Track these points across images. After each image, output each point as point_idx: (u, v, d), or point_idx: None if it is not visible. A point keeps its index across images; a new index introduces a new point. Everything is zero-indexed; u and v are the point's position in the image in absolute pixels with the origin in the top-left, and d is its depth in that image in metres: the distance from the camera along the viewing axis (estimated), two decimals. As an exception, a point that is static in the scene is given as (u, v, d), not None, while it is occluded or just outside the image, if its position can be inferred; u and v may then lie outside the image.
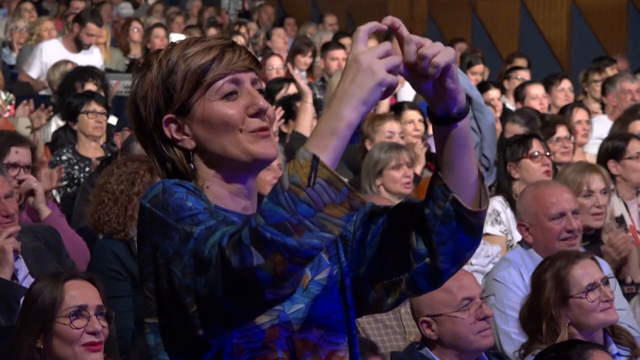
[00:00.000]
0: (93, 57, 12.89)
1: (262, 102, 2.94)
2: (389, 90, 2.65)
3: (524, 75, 13.08)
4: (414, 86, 2.83)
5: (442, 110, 2.83)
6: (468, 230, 2.92)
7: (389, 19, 2.76)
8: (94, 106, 9.11)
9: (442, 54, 2.71)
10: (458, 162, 2.89)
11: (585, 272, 5.31)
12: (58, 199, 8.08)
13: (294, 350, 2.89)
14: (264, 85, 3.11)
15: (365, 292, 3.04)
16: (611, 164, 8.11)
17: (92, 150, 8.97)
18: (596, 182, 7.17)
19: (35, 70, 12.84)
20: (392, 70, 2.64)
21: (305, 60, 13.70)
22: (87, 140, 9.05)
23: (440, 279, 2.97)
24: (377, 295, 3.03)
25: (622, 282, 6.60)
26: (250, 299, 2.63)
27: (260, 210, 2.58)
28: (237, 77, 2.94)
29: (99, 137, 9.04)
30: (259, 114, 2.93)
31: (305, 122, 9.46)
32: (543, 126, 9.03)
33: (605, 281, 5.35)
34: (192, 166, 2.96)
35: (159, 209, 2.78)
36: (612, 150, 8.28)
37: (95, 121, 9.06)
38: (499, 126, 9.83)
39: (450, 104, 2.82)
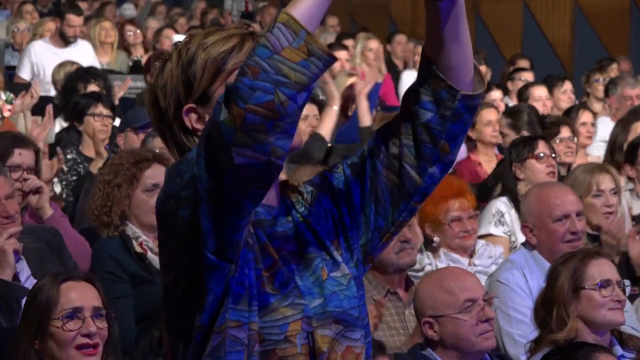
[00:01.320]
0: (82, 52, 12.93)
1: None
2: None
3: (527, 76, 13.09)
4: None
5: None
6: (473, 113, 3.00)
7: None
8: (101, 109, 9.10)
9: None
10: (462, 34, 2.99)
11: (601, 269, 5.32)
12: (58, 189, 8.06)
13: (313, 346, 2.88)
14: None
15: (375, 246, 3.06)
16: (627, 167, 8.15)
17: (95, 150, 8.95)
18: (606, 182, 7.17)
19: (26, 72, 12.85)
20: None
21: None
22: (91, 141, 9.05)
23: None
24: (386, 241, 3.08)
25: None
26: (223, 162, 2.62)
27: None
28: None
29: (105, 139, 9.03)
30: None
31: (327, 126, 9.39)
32: (547, 127, 9.04)
33: (620, 284, 5.34)
34: None
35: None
36: (626, 154, 8.34)
37: (102, 124, 9.05)
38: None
39: None
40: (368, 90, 10.66)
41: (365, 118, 10.04)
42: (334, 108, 9.74)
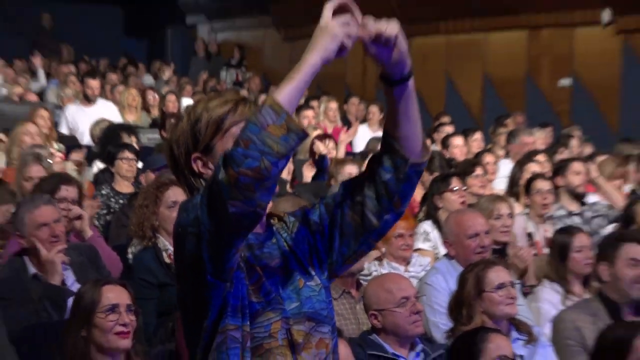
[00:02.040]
0: (106, 110, 12.92)
1: None
2: (343, 48, 2.78)
3: (448, 129, 13.12)
4: (376, 58, 2.89)
5: (398, 73, 2.91)
6: (420, 176, 3.05)
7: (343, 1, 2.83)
8: (127, 154, 9.14)
9: (391, 26, 2.83)
10: (413, 113, 2.98)
11: (498, 274, 5.35)
12: (96, 223, 8.06)
13: (291, 339, 2.94)
14: None
15: (339, 267, 3.12)
16: (524, 197, 8.23)
17: (125, 187, 8.99)
18: (503, 208, 7.21)
19: (64, 127, 12.84)
20: (348, 35, 2.77)
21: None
22: (121, 179, 9.08)
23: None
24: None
25: (521, 285, 6.64)
26: (220, 211, 2.69)
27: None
28: None
29: (131, 177, 9.06)
30: None
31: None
32: (463, 167, 9.07)
33: (512, 284, 5.40)
34: None
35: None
36: (519, 188, 8.40)
37: (128, 166, 9.08)
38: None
39: (403, 66, 2.90)
40: (348, 141, 10.73)
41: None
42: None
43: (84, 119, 12.56)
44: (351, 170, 8.80)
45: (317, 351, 2.99)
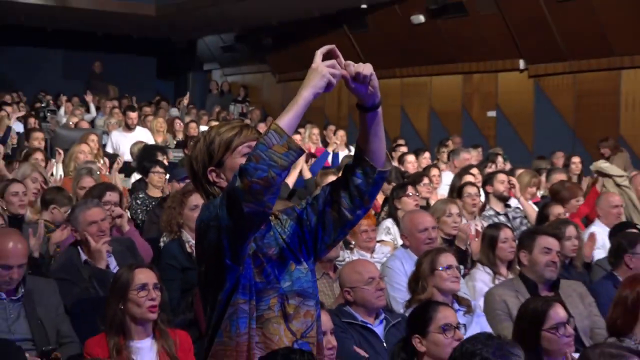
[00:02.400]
0: (140, 135, 12.80)
1: None
2: (329, 85, 2.80)
3: (403, 149, 13.15)
4: (354, 91, 2.91)
5: (371, 102, 2.94)
6: (384, 181, 3.08)
7: (332, 47, 2.90)
8: (158, 169, 9.06)
9: (366, 67, 2.89)
10: (380, 134, 3.01)
11: (447, 258, 5.30)
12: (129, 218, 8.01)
13: (285, 310, 2.95)
14: None
15: (322, 253, 3.13)
16: (457, 201, 8.18)
17: (156, 193, 8.92)
18: (453, 208, 7.18)
19: (110, 148, 12.78)
20: (333, 75, 2.79)
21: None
22: (153, 187, 9.01)
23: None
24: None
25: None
26: (237, 210, 2.71)
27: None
28: (250, 144, 2.97)
29: (161, 186, 8.99)
30: None
31: (292, 179, 9.34)
32: (414, 177, 9.03)
33: (457, 267, 5.34)
34: None
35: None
36: (456, 193, 8.36)
37: (158, 177, 9.01)
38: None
39: (375, 97, 2.94)
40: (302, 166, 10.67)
41: (306, 174, 10.05)
42: (297, 167, 9.75)
43: (124, 142, 12.54)
44: (332, 179, 8.76)
45: (304, 319, 3.00)
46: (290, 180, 9.16)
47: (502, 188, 8.56)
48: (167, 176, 9.28)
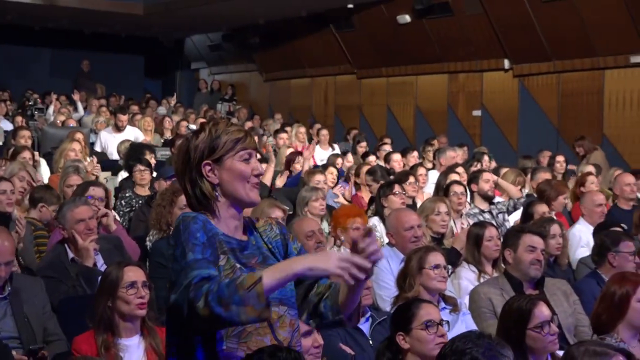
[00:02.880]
0: (128, 135, 12.77)
1: (261, 168, 3.01)
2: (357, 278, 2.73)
3: (389, 148, 13.15)
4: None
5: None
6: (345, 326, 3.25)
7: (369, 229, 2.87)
8: (140, 167, 8.99)
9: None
10: (357, 296, 2.98)
11: (435, 257, 5.27)
12: (118, 218, 7.97)
13: (269, 319, 2.87)
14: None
15: None
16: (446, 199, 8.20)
17: (143, 191, 8.87)
18: (442, 207, 7.17)
19: (98, 147, 12.75)
20: (341, 270, 2.69)
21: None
22: (138, 185, 8.96)
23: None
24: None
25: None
26: (192, 322, 2.70)
27: (220, 282, 2.66)
28: (251, 152, 2.96)
29: (145, 184, 8.93)
30: (258, 175, 2.97)
31: (267, 176, 9.34)
32: (401, 176, 9.02)
33: (445, 267, 5.32)
34: (216, 194, 2.94)
35: (184, 226, 2.83)
36: (443, 192, 8.38)
37: (141, 175, 8.95)
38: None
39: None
40: (310, 156, 10.70)
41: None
42: (272, 166, 9.72)
43: (113, 142, 12.51)
44: (319, 178, 8.80)
45: (289, 329, 2.96)
46: (266, 179, 9.14)
47: (487, 187, 8.56)
48: (155, 175, 9.24)
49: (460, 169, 9.66)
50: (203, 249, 2.78)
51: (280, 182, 10.15)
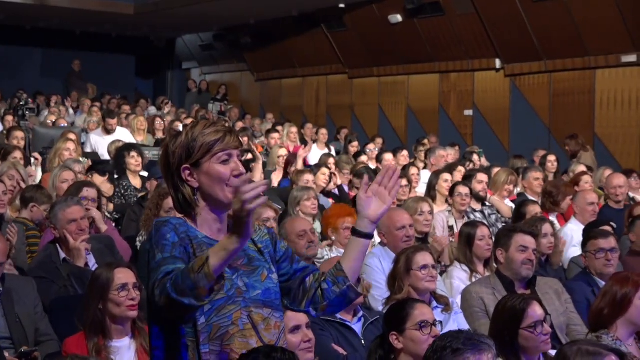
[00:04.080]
0: (121, 135, 12.73)
1: (242, 168, 2.96)
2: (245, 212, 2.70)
3: (371, 146, 13.19)
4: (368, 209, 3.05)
5: (371, 230, 3.03)
6: (349, 303, 3.10)
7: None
8: (133, 152, 9.12)
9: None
10: (361, 259, 3.06)
11: (423, 257, 5.27)
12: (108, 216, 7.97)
13: (253, 321, 2.88)
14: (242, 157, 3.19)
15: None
16: (445, 200, 8.18)
17: (137, 182, 8.92)
18: (425, 206, 7.20)
19: (88, 148, 12.71)
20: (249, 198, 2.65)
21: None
22: (131, 174, 8.99)
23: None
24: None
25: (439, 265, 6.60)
26: (161, 314, 2.79)
27: (172, 275, 2.69)
28: (230, 152, 2.93)
29: (138, 170, 8.96)
30: (239, 175, 2.93)
31: (257, 175, 9.35)
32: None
33: (434, 266, 5.31)
34: (196, 198, 2.93)
35: (156, 229, 2.89)
36: (450, 192, 8.38)
37: (135, 161, 8.98)
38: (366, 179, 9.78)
39: (374, 227, 3.07)
40: (305, 156, 10.70)
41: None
42: (259, 164, 9.80)
43: (103, 143, 12.50)
44: (308, 177, 8.80)
45: (275, 331, 2.96)
46: (256, 179, 9.15)
47: (480, 188, 8.57)
48: (147, 175, 9.22)
49: (460, 169, 9.67)
50: (172, 248, 2.82)
51: (274, 181, 10.16)
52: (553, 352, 4.21)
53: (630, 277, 4.83)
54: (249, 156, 10.35)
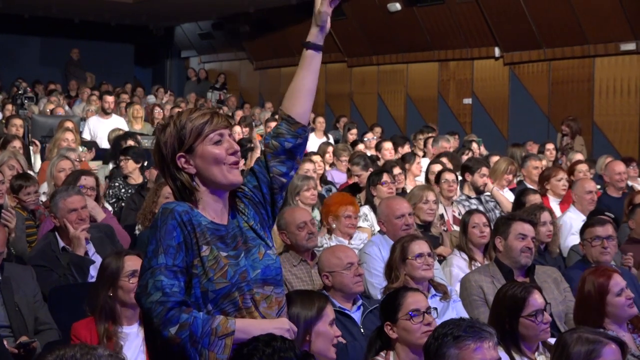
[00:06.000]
0: (117, 122, 12.76)
1: (236, 145, 2.98)
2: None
3: (368, 135, 13.21)
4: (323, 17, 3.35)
5: (320, 41, 3.26)
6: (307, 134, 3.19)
7: None
8: (126, 157, 8.98)
9: None
10: (314, 83, 3.28)
11: (418, 246, 5.28)
12: (108, 206, 7.94)
13: (255, 303, 2.89)
14: (235, 135, 3.18)
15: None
16: (435, 187, 8.15)
17: (132, 180, 8.85)
18: (430, 195, 7.19)
19: (87, 134, 12.70)
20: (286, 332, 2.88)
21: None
22: (128, 175, 8.95)
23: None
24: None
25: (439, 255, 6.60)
26: (157, 338, 2.79)
27: (197, 317, 2.73)
28: (221, 132, 2.94)
29: (133, 172, 8.92)
30: (234, 153, 2.94)
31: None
32: (388, 166, 8.99)
33: (429, 254, 5.32)
34: (195, 184, 2.93)
35: (162, 221, 2.86)
36: (435, 180, 8.39)
37: (129, 165, 8.92)
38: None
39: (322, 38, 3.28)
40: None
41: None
42: (258, 153, 9.77)
43: (101, 127, 12.49)
44: (307, 166, 8.79)
45: (277, 307, 2.97)
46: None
47: (481, 182, 8.55)
48: (146, 163, 9.22)
49: (444, 159, 9.65)
50: (176, 252, 2.82)
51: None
52: (552, 340, 4.22)
53: (599, 272, 4.86)
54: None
